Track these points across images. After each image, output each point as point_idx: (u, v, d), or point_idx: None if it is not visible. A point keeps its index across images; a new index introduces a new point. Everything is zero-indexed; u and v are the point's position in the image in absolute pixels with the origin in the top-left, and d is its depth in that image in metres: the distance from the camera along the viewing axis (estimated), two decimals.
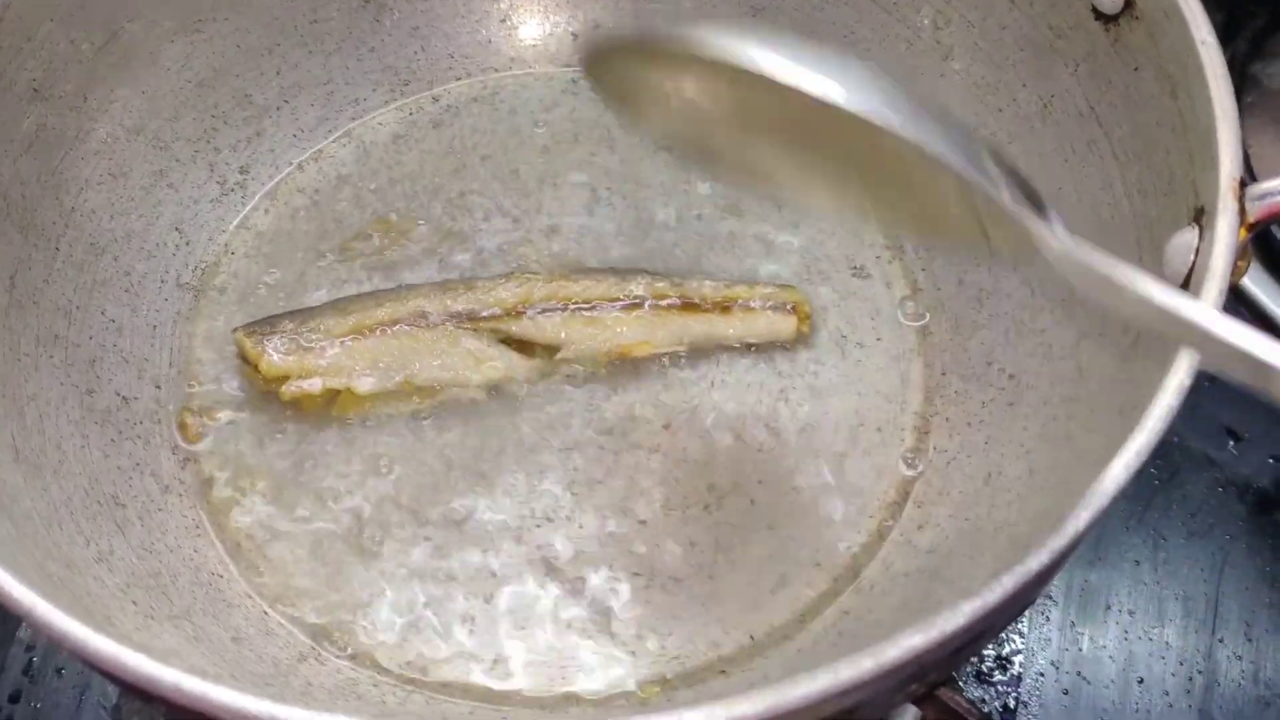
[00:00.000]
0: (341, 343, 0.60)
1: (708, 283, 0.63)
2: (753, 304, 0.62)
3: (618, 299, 0.62)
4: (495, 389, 0.62)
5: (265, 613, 0.57)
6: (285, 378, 0.60)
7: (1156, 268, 0.50)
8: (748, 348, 0.63)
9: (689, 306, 0.62)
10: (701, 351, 0.63)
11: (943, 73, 0.65)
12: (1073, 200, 0.58)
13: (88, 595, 0.50)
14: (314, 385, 0.60)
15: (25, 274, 0.58)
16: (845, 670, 0.37)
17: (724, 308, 0.62)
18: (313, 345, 0.60)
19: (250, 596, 0.57)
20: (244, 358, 0.61)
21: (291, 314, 0.62)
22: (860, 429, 0.61)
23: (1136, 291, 0.38)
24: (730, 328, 0.62)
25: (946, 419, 0.61)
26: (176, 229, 0.65)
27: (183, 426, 0.61)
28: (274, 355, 0.60)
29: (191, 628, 0.53)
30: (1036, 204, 0.40)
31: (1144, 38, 0.53)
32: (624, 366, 0.62)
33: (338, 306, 0.62)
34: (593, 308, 0.62)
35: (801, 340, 0.63)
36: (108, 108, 0.63)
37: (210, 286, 0.66)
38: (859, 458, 0.61)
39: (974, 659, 0.62)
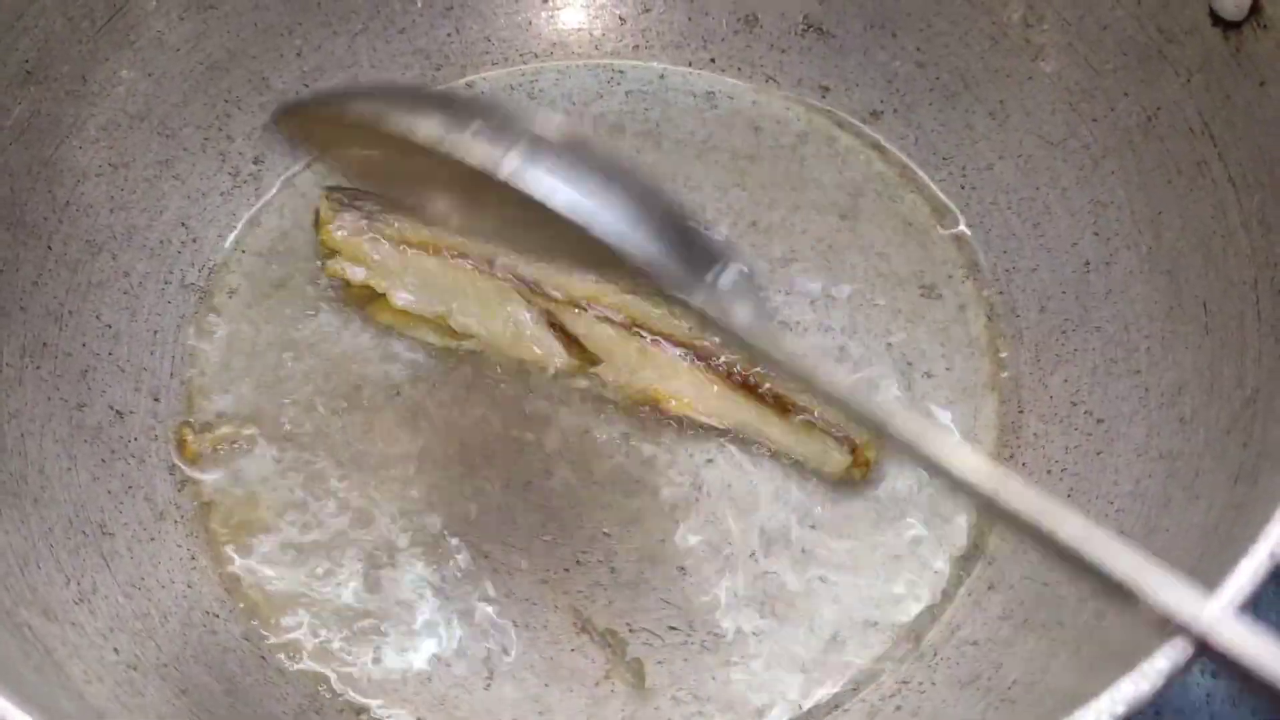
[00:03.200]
0: (404, 249, 0.57)
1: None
2: (814, 419, 0.55)
3: (684, 344, 0.56)
4: (519, 368, 0.57)
5: (263, 659, 0.52)
6: (337, 253, 0.58)
7: (1279, 315, 0.44)
8: None
9: (749, 388, 0.56)
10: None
11: (1030, 75, 0.59)
12: (1176, 226, 0.52)
13: (64, 646, 0.45)
14: (357, 274, 0.58)
15: (11, 275, 0.53)
16: None
17: (783, 408, 0.55)
18: (377, 238, 0.57)
19: (248, 640, 0.52)
20: (316, 217, 0.59)
21: (379, 198, 0.59)
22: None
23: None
24: (778, 433, 0.55)
25: (1023, 464, 0.55)
26: (183, 224, 0.60)
27: (181, 444, 0.56)
28: (340, 228, 0.58)
29: (180, 678, 0.49)
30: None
31: (1273, 49, 0.47)
32: (653, 411, 0.57)
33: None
34: (654, 340, 0.56)
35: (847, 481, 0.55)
36: (109, 91, 0.58)
37: (219, 288, 0.60)
38: (923, 502, 0.55)
39: None
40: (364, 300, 0.59)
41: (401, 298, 0.57)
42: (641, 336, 0.56)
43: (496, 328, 0.57)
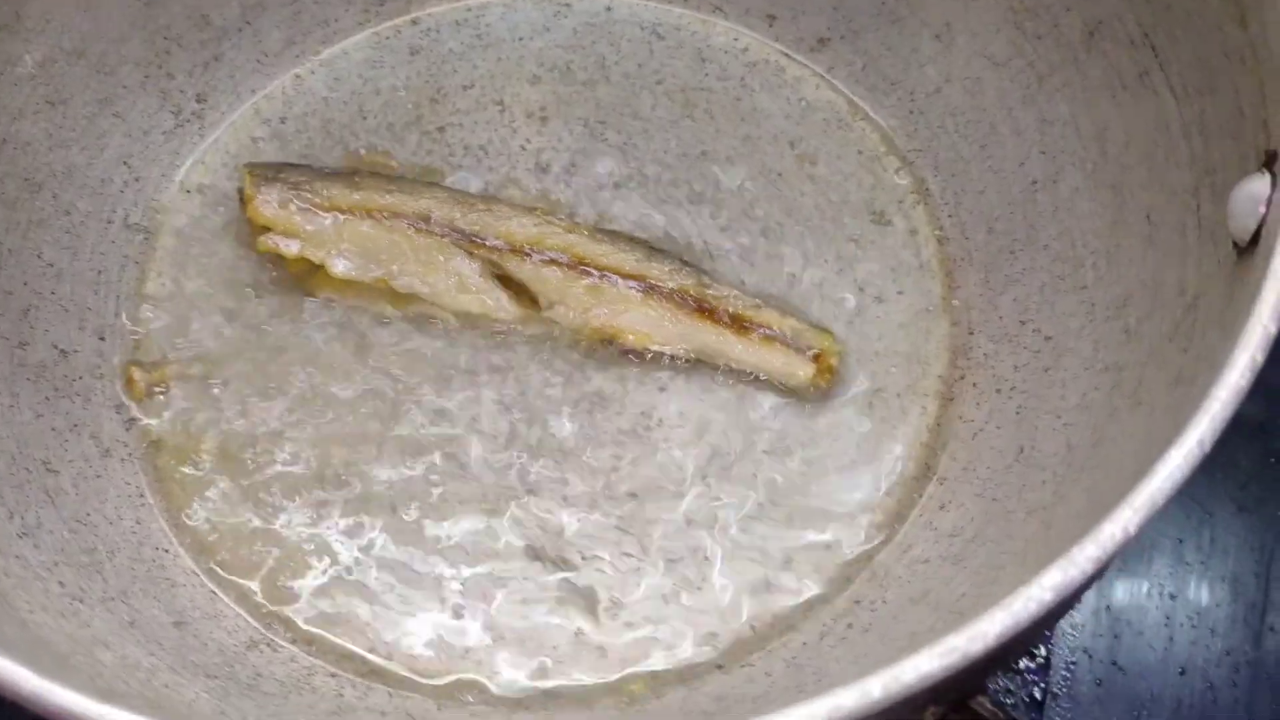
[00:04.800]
0: (336, 216, 0.56)
1: (736, 293, 0.56)
2: (774, 333, 0.55)
3: (634, 276, 0.56)
4: (469, 321, 0.57)
5: (213, 592, 0.52)
6: (268, 229, 0.57)
7: (1218, 219, 0.44)
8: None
9: (705, 311, 0.56)
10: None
11: None
12: (1121, 140, 0.52)
13: (7, 578, 0.45)
14: (291, 247, 0.56)
15: None
16: (848, 698, 0.32)
17: (742, 326, 0.56)
18: (307, 208, 0.56)
19: (196, 574, 0.52)
20: (240, 193, 0.58)
21: (304, 168, 0.58)
22: (878, 394, 0.56)
23: None
24: (740, 352, 0.56)
25: (974, 385, 0.55)
26: (124, 163, 0.60)
27: (129, 383, 0.56)
28: (266, 203, 0.56)
29: (127, 611, 0.48)
30: None
31: None
32: (609, 347, 0.57)
33: (351, 180, 0.58)
34: (603, 276, 0.56)
35: (814, 391, 0.56)
36: (44, 28, 0.56)
37: (163, 228, 0.60)
38: (875, 426, 0.55)
39: None
40: (302, 276, 0.58)
41: (339, 266, 0.56)
42: (590, 274, 0.56)
43: (440, 285, 0.56)
